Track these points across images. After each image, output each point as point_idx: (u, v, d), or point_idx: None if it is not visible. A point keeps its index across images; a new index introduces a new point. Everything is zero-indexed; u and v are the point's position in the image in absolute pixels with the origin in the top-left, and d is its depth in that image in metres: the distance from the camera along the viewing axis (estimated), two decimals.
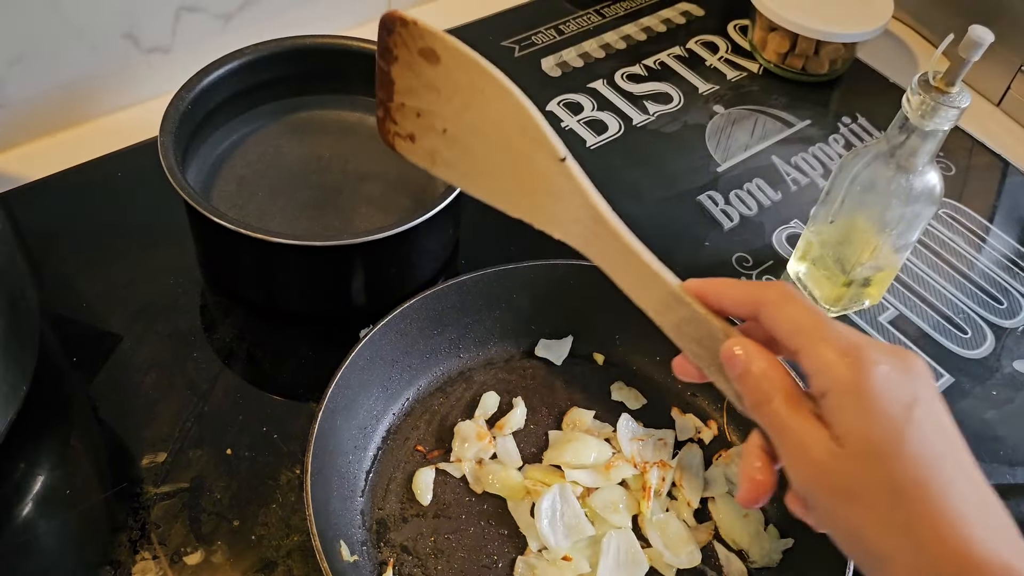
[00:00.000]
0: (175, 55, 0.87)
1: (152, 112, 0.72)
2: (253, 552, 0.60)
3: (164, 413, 0.67)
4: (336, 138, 0.80)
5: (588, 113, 0.94)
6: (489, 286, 0.69)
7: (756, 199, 0.88)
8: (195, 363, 0.70)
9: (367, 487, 0.63)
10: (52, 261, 0.75)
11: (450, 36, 0.49)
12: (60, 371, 0.68)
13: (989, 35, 0.60)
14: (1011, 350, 0.78)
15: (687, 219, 0.85)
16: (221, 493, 0.63)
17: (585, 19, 1.05)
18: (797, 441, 0.41)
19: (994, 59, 0.95)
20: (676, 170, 0.90)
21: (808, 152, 0.93)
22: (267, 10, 0.91)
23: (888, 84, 1.01)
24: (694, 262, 0.81)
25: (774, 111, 0.97)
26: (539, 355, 0.72)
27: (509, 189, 0.52)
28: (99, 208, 0.80)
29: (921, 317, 0.79)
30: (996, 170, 0.94)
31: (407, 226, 0.66)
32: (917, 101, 0.63)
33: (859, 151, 0.70)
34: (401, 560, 0.60)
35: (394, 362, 0.67)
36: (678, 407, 0.69)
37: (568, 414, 0.68)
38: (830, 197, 0.73)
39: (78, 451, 0.65)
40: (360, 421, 0.64)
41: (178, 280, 0.75)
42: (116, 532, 0.60)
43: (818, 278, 0.77)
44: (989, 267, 0.84)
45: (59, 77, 0.83)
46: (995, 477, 0.69)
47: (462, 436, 0.66)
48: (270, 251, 0.65)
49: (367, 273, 0.70)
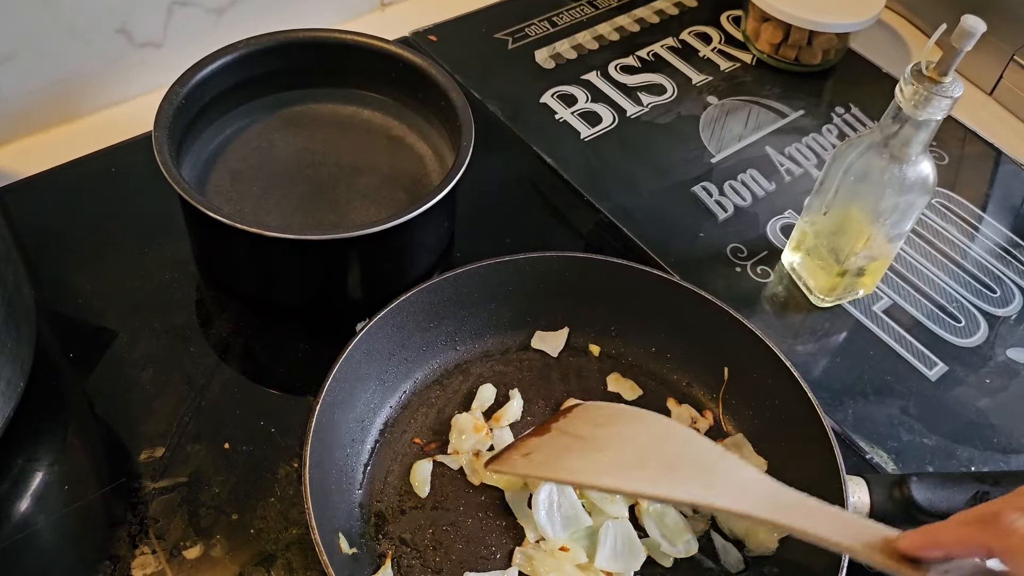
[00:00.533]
0: (168, 50, 0.87)
1: (146, 107, 0.72)
2: (252, 545, 0.61)
3: (161, 408, 0.67)
4: (330, 132, 0.80)
5: (582, 105, 0.94)
6: (485, 279, 0.69)
7: (750, 190, 0.88)
8: (192, 358, 0.70)
9: (365, 480, 0.63)
10: (48, 257, 0.75)
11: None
12: (57, 367, 0.68)
13: (981, 25, 0.60)
14: (1004, 338, 0.78)
15: (681, 210, 0.85)
16: (219, 487, 0.63)
17: (578, 11, 1.04)
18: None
19: (986, 49, 0.95)
20: (670, 161, 0.90)
21: (802, 142, 0.93)
22: (260, 4, 0.91)
23: (881, 74, 1.01)
24: (689, 253, 0.81)
25: (768, 102, 0.97)
26: (535, 347, 0.72)
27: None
28: (94, 204, 0.80)
29: (915, 306, 0.80)
30: (989, 159, 0.94)
31: (402, 219, 0.66)
32: (910, 91, 0.63)
33: (852, 141, 0.70)
34: (400, 552, 0.60)
35: (391, 355, 0.67)
36: (674, 398, 0.70)
37: (565, 405, 0.69)
38: (824, 187, 0.73)
39: (76, 447, 0.65)
40: (357, 414, 0.65)
41: (174, 275, 0.75)
42: (115, 527, 0.61)
43: (812, 268, 0.78)
44: (982, 256, 0.85)
45: (53, 73, 0.82)
46: (989, 464, 0.70)
47: (459, 428, 0.66)
48: (265, 245, 0.65)
49: (363, 267, 0.71)
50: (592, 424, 0.60)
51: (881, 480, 0.60)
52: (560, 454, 0.58)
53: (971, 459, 0.70)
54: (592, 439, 0.58)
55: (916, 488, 0.58)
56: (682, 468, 0.55)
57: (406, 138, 0.80)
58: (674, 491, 0.53)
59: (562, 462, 0.57)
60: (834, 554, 0.56)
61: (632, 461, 0.56)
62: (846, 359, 0.75)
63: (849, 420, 0.71)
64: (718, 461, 0.55)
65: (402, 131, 0.80)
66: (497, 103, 0.92)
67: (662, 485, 0.54)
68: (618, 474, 0.55)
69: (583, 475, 0.56)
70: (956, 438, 0.71)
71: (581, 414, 0.62)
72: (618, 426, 0.59)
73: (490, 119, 0.90)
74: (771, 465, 0.65)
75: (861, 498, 0.59)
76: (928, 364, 0.76)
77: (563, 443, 0.59)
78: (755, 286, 0.80)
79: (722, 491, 0.53)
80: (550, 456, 0.58)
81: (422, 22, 1.00)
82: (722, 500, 0.52)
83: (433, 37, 0.98)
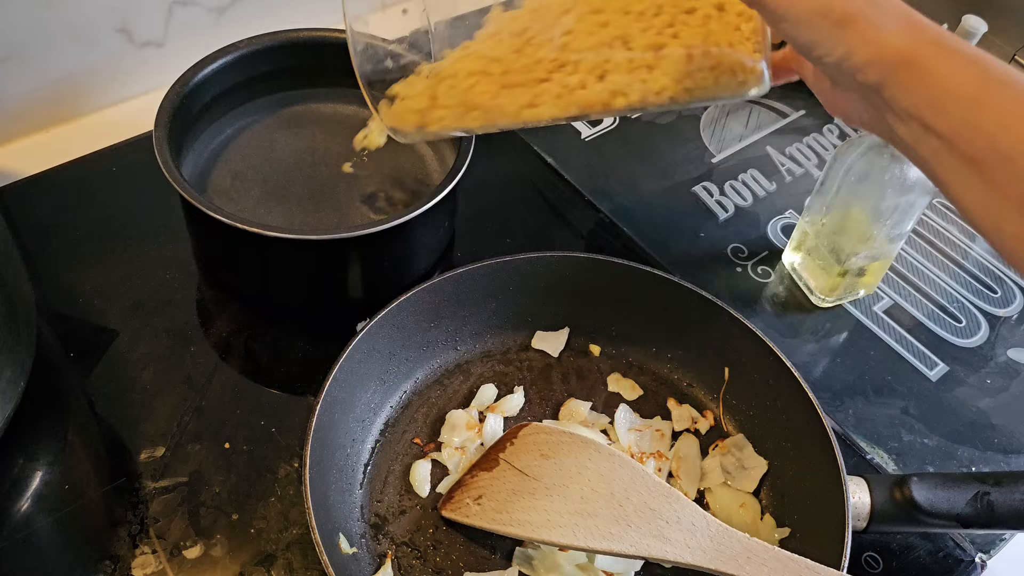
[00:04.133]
0: (168, 49, 0.87)
1: (146, 107, 0.72)
2: (252, 545, 0.61)
3: (162, 408, 0.67)
4: (331, 131, 0.80)
5: None
6: (485, 279, 0.69)
7: (751, 190, 0.88)
8: (192, 357, 0.70)
9: (365, 480, 0.63)
10: (48, 257, 0.75)
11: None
12: (57, 367, 0.68)
13: (982, 25, 0.60)
14: (1005, 338, 0.78)
15: (682, 210, 0.85)
16: (220, 487, 0.63)
17: None
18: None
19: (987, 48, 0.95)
20: (671, 161, 0.90)
21: (803, 142, 0.93)
22: (260, 3, 0.91)
23: None
24: (689, 253, 0.81)
25: (768, 102, 0.97)
26: (536, 347, 0.72)
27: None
28: (94, 203, 0.80)
29: (916, 306, 0.80)
30: None
31: (402, 219, 0.66)
32: None
33: (853, 141, 0.70)
34: (400, 552, 0.60)
35: (391, 355, 0.67)
36: (674, 398, 0.70)
37: (565, 405, 0.69)
38: (825, 187, 0.73)
39: (76, 446, 0.65)
40: (358, 414, 0.65)
41: (174, 275, 0.75)
42: (115, 527, 0.60)
43: (813, 268, 0.78)
44: (983, 256, 0.84)
45: (53, 72, 0.82)
46: (990, 464, 0.70)
47: (452, 423, 0.66)
48: (266, 245, 0.65)
49: (363, 266, 0.71)
50: (539, 454, 0.61)
51: (881, 480, 0.60)
52: (510, 499, 0.59)
53: (972, 459, 0.70)
54: (539, 477, 0.60)
55: (916, 488, 0.58)
56: (631, 514, 0.57)
57: None
58: (624, 545, 0.56)
59: (513, 513, 0.59)
60: (833, 554, 0.56)
61: (581, 506, 0.58)
62: (847, 359, 0.75)
63: (850, 420, 0.71)
64: (664, 503, 0.57)
65: None
66: None
67: (614, 539, 0.56)
68: (569, 525, 0.57)
69: (536, 530, 0.58)
70: (957, 438, 0.71)
71: (528, 440, 0.62)
72: (563, 457, 0.60)
73: None
74: (771, 465, 0.65)
75: (861, 498, 0.59)
76: (929, 364, 0.75)
77: (512, 483, 0.60)
78: (756, 286, 0.80)
79: (670, 540, 0.55)
80: (501, 503, 0.60)
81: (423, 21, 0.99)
82: (672, 553, 0.55)
83: None
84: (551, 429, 0.63)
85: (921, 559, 0.64)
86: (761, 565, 0.53)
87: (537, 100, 0.49)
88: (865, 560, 0.63)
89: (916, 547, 0.64)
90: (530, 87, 0.49)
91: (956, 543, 0.65)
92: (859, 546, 0.63)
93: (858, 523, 0.59)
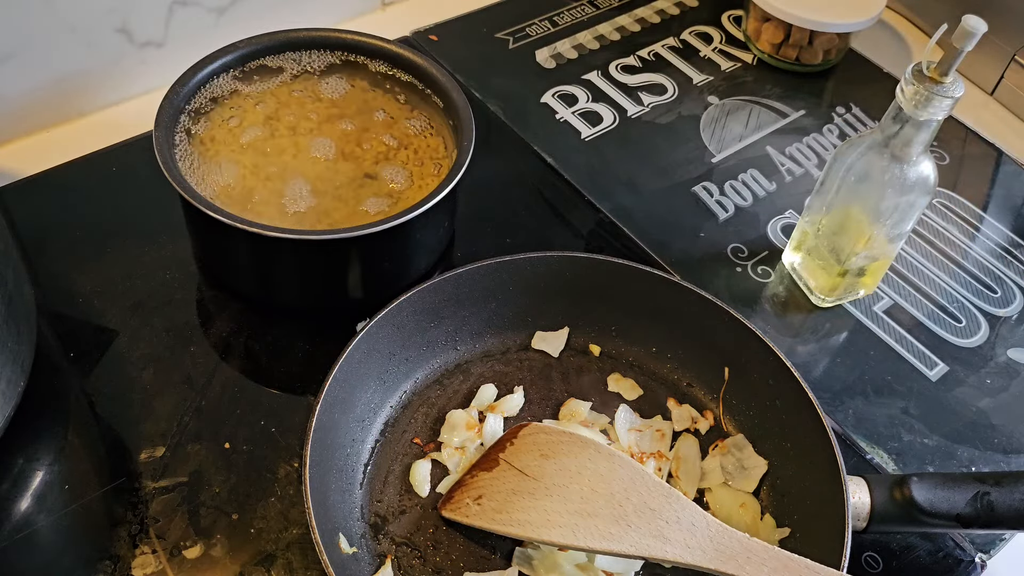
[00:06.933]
0: (169, 49, 0.87)
1: (146, 107, 0.72)
2: (252, 545, 0.61)
3: (162, 407, 0.67)
4: None
5: (583, 105, 0.94)
6: (485, 279, 0.69)
7: (751, 190, 0.88)
8: (192, 357, 0.70)
9: (365, 480, 0.63)
10: (48, 257, 0.75)
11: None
12: (57, 367, 0.68)
13: (983, 25, 0.60)
14: (1005, 338, 0.78)
15: (682, 210, 0.85)
16: (220, 487, 0.63)
17: (579, 10, 1.04)
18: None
19: (987, 49, 0.95)
20: (671, 161, 0.90)
21: (802, 142, 0.93)
22: (260, 4, 0.91)
23: (882, 74, 1.01)
24: (689, 253, 0.81)
25: (768, 102, 0.97)
26: (536, 347, 0.72)
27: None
28: (94, 203, 0.80)
29: (916, 306, 0.80)
30: (990, 159, 0.94)
31: (402, 219, 0.66)
32: (911, 91, 0.63)
33: (853, 141, 0.70)
34: (400, 552, 0.60)
35: (391, 355, 0.67)
36: (674, 398, 0.70)
37: (565, 405, 0.69)
38: (825, 187, 0.73)
39: (76, 446, 0.65)
40: (358, 414, 0.65)
41: (174, 275, 0.75)
42: (115, 527, 0.61)
43: (813, 268, 0.78)
44: (983, 256, 0.84)
45: (53, 72, 0.82)
46: (990, 464, 0.70)
47: (451, 423, 0.66)
48: (266, 245, 0.65)
49: (363, 266, 0.71)
50: (539, 454, 0.61)
51: (881, 480, 0.60)
52: (510, 499, 0.59)
53: (972, 459, 0.70)
54: (539, 476, 0.60)
55: (916, 488, 0.58)
56: (631, 514, 0.57)
57: None
58: (624, 545, 0.56)
59: (513, 513, 0.59)
60: (833, 555, 0.56)
61: (581, 506, 0.58)
62: (847, 359, 0.75)
63: (849, 420, 0.71)
64: (664, 503, 0.57)
65: None
66: (498, 103, 0.92)
67: (614, 539, 0.56)
68: (569, 525, 0.57)
69: (536, 530, 0.58)
70: (957, 438, 0.71)
71: (528, 440, 0.62)
72: (563, 457, 0.60)
73: (491, 119, 0.90)
74: (771, 465, 0.65)
75: (861, 498, 0.59)
76: (929, 364, 0.76)
77: (512, 483, 0.60)
78: (756, 286, 0.80)
79: (670, 540, 0.55)
80: (501, 503, 0.60)
81: (423, 22, 1.00)
82: (672, 553, 0.55)
83: (434, 37, 0.98)
84: (551, 429, 0.63)
85: (921, 559, 0.64)
86: (761, 565, 0.53)
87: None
88: (865, 560, 0.63)
89: (916, 547, 0.64)
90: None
91: (956, 543, 0.65)
92: (859, 546, 0.63)
93: (858, 523, 0.59)
